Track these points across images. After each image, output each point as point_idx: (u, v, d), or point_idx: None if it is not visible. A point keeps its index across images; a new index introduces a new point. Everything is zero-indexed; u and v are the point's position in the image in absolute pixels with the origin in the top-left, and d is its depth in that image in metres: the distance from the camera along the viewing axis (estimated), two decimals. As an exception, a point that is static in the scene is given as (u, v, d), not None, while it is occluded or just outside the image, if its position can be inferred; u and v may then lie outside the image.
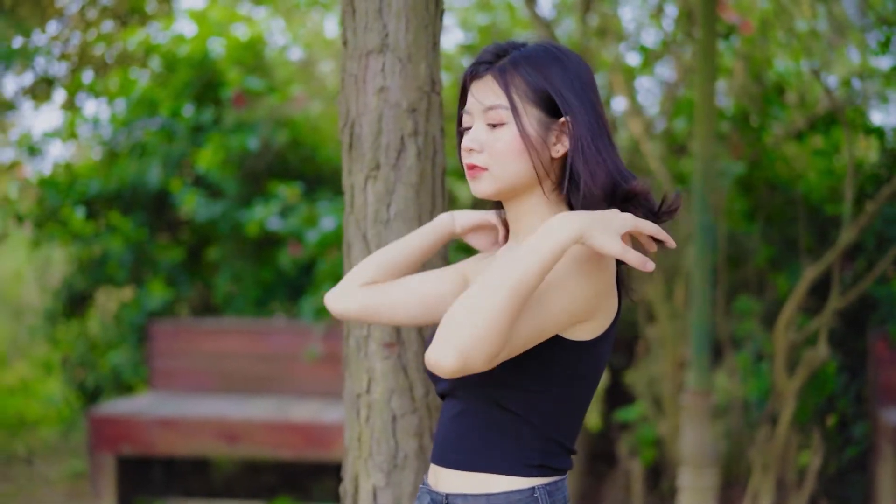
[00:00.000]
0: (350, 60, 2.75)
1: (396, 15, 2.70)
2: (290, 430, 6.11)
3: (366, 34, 2.72)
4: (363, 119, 2.73)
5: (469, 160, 2.17)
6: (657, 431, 6.19)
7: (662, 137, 6.59)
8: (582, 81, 2.16)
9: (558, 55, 2.18)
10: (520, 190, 2.18)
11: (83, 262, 7.85)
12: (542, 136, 2.14)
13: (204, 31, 7.90)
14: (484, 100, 2.16)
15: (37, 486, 7.12)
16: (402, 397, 2.71)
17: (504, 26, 7.86)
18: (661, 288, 6.12)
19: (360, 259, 2.73)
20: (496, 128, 2.15)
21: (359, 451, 2.75)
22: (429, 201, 2.74)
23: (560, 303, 2.01)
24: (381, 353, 2.71)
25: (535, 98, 2.13)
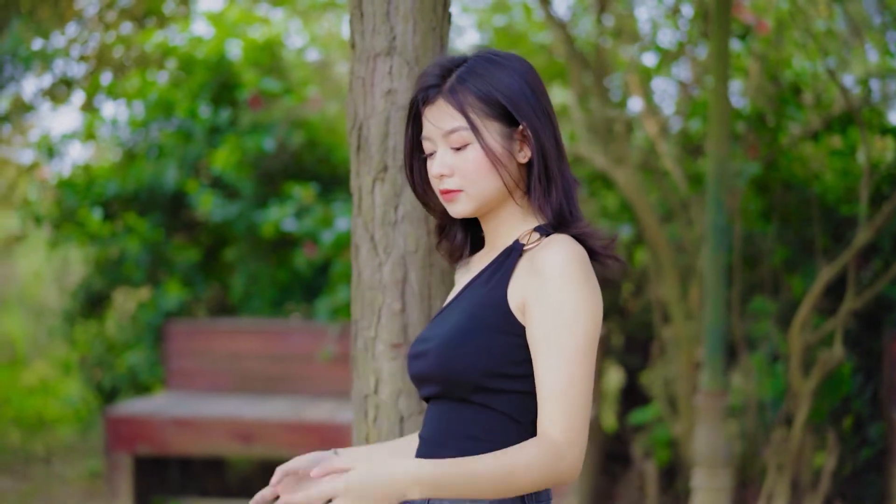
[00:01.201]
0: (358, 63, 2.76)
1: (404, 18, 2.71)
2: (304, 430, 6.13)
3: (373, 37, 2.73)
4: (371, 121, 2.73)
5: (442, 186, 2.19)
6: (672, 432, 6.18)
7: (678, 138, 6.59)
8: (530, 86, 2.19)
9: (501, 62, 2.20)
10: (495, 203, 2.21)
11: (100, 262, 7.88)
12: (506, 147, 2.16)
13: (221, 33, 7.93)
14: (442, 124, 2.17)
15: (55, 486, 7.16)
16: (410, 398, 2.71)
17: (520, 27, 7.87)
18: (675, 288, 6.11)
19: (368, 261, 2.74)
20: (461, 150, 2.17)
21: (366, 451, 2.76)
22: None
23: (587, 336, 2.05)
24: (389, 354, 2.72)
25: (490, 111, 2.15)
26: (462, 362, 2.11)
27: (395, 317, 2.71)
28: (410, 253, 2.71)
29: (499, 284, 2.15)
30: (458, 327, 2.14)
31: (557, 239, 2.12)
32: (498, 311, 2.12)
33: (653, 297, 6.53)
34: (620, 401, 7.65)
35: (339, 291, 6.62)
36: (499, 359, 2.09)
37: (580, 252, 2.09)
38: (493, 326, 2.11)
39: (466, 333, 2.12)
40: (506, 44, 7.81)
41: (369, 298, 2.74)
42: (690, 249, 6.23)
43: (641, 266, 7.31)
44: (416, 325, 2.71)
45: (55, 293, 10.60)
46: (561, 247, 2.08)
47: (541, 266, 2.08)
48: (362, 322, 2.76)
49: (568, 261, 2.05)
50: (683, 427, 6.07)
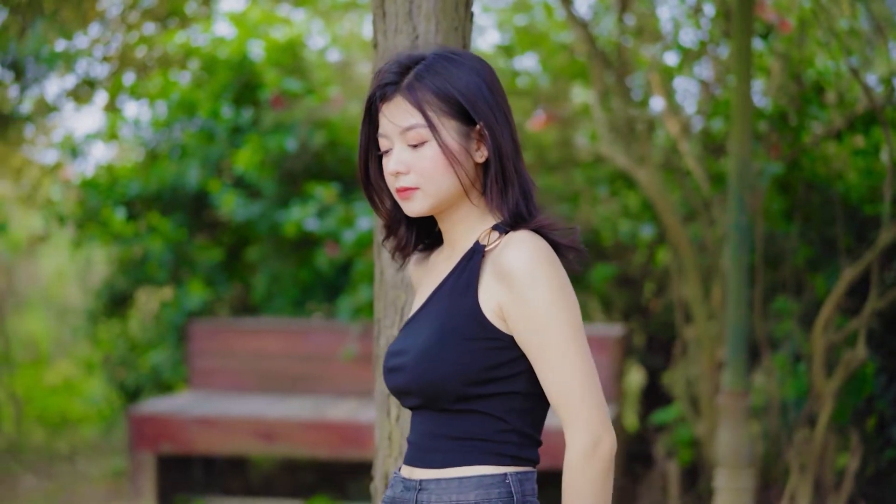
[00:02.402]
0: (380, 62, 2.78)
1: (426, 17, 2.72)
2: (327, 429, 6.14)
3: (396, 36, 2.75)
4: (394, 121, 2.74)
5: (399, 184, 2.18)
6: (694, 432, 6.17)
7: (700, 137, 6.57)
8: (488, 85, 2.19)
9: (460, 61, 2.20)
10: (451, 201, 2.20)
11: (124, 262, 7.92)
12: (463, 146, 2.17)
13: (243, 34, 7.95)
14: (400, 121, 2.16)
15: (79, 484, 7.20)
16: (432, 397, 2.72)
17: (541, 27, 7.87)
18: (698, 288, 6.10)
19: (390, 260, 2.74)
20: (417, 147, 2.16)
21: (389, 449, 2.77)
22: (459, 202, 2.74)
23: (572, 324, 2.07)
24: (413, 354, 2.72)
25: (447, 109, 2.15)
26: (439, 375, 2.12)
27: (421, 316, 2.72)
28: (433, 252, 2.71)
29: (467, 291, 2.15)
30: (432, 339, 2.15)
31: (517, 237, 2.12)
32: (471, 318, 2.13)
33: (675, 296, 6.52)
34: (642, 401, 7.65)
35: (361, 291, 6.63)
36: (476, 367, 2.10)
37: (542, 245, 2.09)
38: (466, 335, 2.12)
39: (440, 345, 2.13)
40: (527, 43, 7.82)
41: (392, 297, 2.75)
42: (712, 249, 6.22)
43: (663, 266, 7.31)
44: (438, 324, 2.72)
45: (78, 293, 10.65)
46: (522, 245, 2.08)
47: (506, 269, 2.08)
48: (385, 321, 2.77)
49: (531, 258, 2.06)
50: (706, 427, 6.06)
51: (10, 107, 9.29)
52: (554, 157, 7.67)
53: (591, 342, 6.03)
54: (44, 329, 11.47)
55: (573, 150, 7.70)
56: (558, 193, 7.43)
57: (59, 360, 10.94)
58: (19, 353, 10.39)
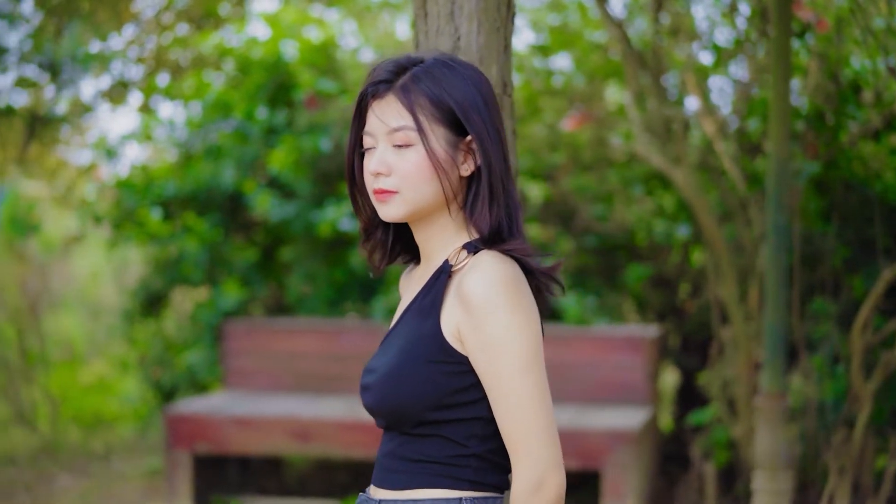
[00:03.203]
0: (422, 63, 2.77)
1: (468, 18, 2.71)
2: (361, 429, 6.15)
3: (438, 37, 2.73)
4: (436, 122, 2.74)
5: (377, 185, 2.10)
6: (731, 434, 6.14)
7: (735, 137, 6.54)
8: (484, 98, 2.13)
9: (458, 69, 2.14)
10: (429, 211, 2.13)
11: (159, 262, 7.96)
12: (450, 155, 2.10)
13: (277, 34, 7.97)
14: (388, 120, 2.09)
15: (115, 483, 7.23)
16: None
17: (575, 26, 7.85)
18: (734, 289, 6.07)
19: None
20: (402, 149, 2.09)
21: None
22: (501, 203, 2.74)
23: (526, 357, 2.01)
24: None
25: (439, 116, 2.09)
26: (400, 400, 2.07)
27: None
28: (477, 253, 2.71)
29: (430, 313, 2.08)
30: (395, 362, 2.09)
31: (482, 259, 2.05)
32: (433, 342, 2.06)
33: (711, 297, 6.49)
34: (676, 402, 7.62)
35: (395, 291, 6.63)
36: (437, 392, 2.05)
37: (506, 270, 2.03)
38: (428, 358, 2.05)
39: (403, 368, 2.07)
40: (561, 43, 7.80)
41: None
42: (749, 249, 6.18)
43: (698, 266, 7.28)
44: (480, 326, 2.71)
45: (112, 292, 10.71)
46: (484, 271, 2.02)
47: (466, 293, 2.01)
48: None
49: (491, 286, 1.99)
50: (742, 429, 6.03)
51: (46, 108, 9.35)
52: (588, 157, 7.66)
53: (626, 343, 6.05)
54: (78, 329, 11.53)
55: (608, 150, 7.68)
56: (593, 193, 7.41)
57: (93, 360, 11.00)
58: (54, 353, 10.45)
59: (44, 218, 11.65)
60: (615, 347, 6.34)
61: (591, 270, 7.38)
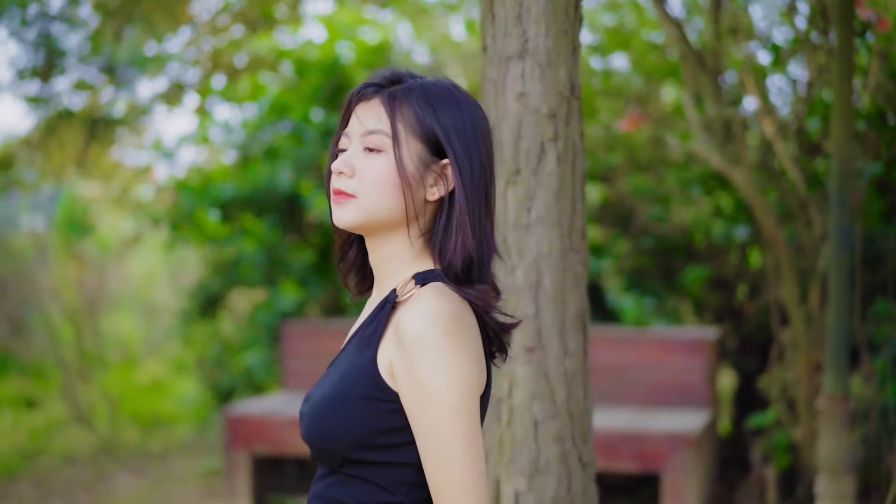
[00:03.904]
0: (489, 66, 2.77)
1: (536, 20, 2.71)
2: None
3: (505, 40, 2.73)
4: (503, 124, 2.74)
5: (336, 184, 1.99)
6: (791, 437, 6.09)
7: (795, 137, 6.48)
8: (474, 129, 2.00)
9: (457, 96, 2.02)
10: (385, 227, 2.00)
11: (217, 263, 8.00)
12: (420, 172, 1.97)
13: (332, 36, 7.99)
14: (366, 122, 1.98)
15: (173, 483, 7.28)
16: (544, 402, 2.71)
17: (631, 26, 7.81)
18: (794, 290, 6.02)
19: (499, 264, 2.73)
20: (372, 154, 1.97)
21: (500, 454, 2.76)
22: (569, 206, 2.74)
23: (455, 405, 1.87)
24: (522, 358, 2.72)
25: (420, 132, 1.97)
26: (325, 434, 1.95)
27: (529, 320, 2.71)
28: (544, 256, 2.71)
29: (369, 345, 1.94)
30: (328, 393, 1.96)
31: (426, 294, 1.91)
32: (367, 376, 1.92)
33: (770, 298, 6.44)
34: (735, 404, 7.56)
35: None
36: (365, 430, 1.92)
37: (446, 308, 1.89)
38: (360, 393, 1.92)
39: (334, 401, 1.94)
40: (617, 43, 7.76)
41: (502, 302, 2.73)
42: (809, 250, 6.13)
43: (756, 268, 7.22)
44: (549, 330, 2.71)
45: (168, 293, 10.79)
46: (423, 305, 1.89)
47: (400, 331, 1.88)
48: (493, 326, 2.76)
49: (426, 322, 1.86)
50: (803, 432, 5.97)
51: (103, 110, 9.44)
52: (645, 158, 7.62)
53: (685, 345, 5.98)
54: (133, 329, 11.63)
55: (665, 150, 7.64)
56: (650, 194, 7.37)
57: (148, 361, 11.09)
58: (110, 354, 10.55)
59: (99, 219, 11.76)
60: (674, 349, 6.30)
61: (648, 272, 7.34)
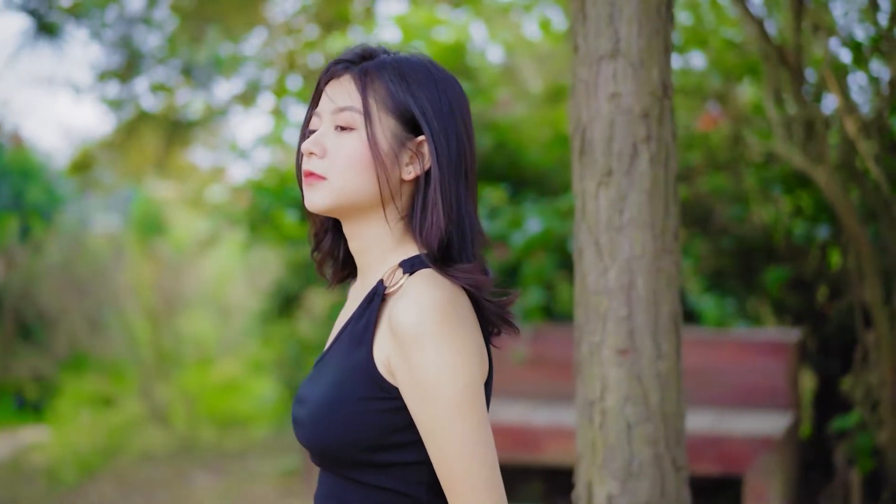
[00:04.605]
0: (581, 66, 2.76)
1: (628, 20, 2.69)
2: (498, 431, 6.09)
3: (597, 40, 2.72)
4: (594, 125, 2.73)
5: (307, 166, 1.90)
6: (876, 440, 6.00)
7: (877, 135, 6.38)
8: (451, 105, 1.91)
9: (433, 72, 1.92)
10: (360, 210, 1.91)
11: (295, 264, 8.03)
12: (394, 150, 1.88)
13: (407, 36, 7.99)
14: (336, 100, 1.90)
15: (251, 482, 7.33)
16: (637, 405, 2.69)
17: (710, 25, 7.74)
18: (879, 291, 5.93)
19: (592, 266, 2.72)
20: (343, 132, 1.89)
21: (592, 457, 2.74)
22: (662, 207, 2.71)
23: (461, 398, 1.78)
24: (615, 360, 2.70)
25: (393, 108, 1.88)
26: (331, 439, 1.85)
27: (622, 322, 2.69)
28: (636, 258, 2.69)
29: (361, 342, 1.85)
30: (326, 396, 1.87)
31: (415, 282, 1.83)
32: (365, 376, 1.83)
33: (853, 300, 6.35)
34: (816, 406, 7.46)
35: (531, 293, 6.60)
36: (372, 431, 1.83)
37: (441, 297, 1.80)
38: (360, 394, 1.83)
39: (334, 404, 1.85)
40: (695, 41, 7.69)
41: (594, 303, 2.73)
42: (893, 250, 6.04)
43: (838, 268, 7.12)
44: (642, 331, 2.69)
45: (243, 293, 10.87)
46: (416, 295, 1.80)
47: (395, 324, 1.79)
48: (587, 327, 2.75)
49: (421, 314, 1.77)
50: (888, 435, 5.88)
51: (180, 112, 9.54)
52: (723, 157, 7.54)
53: (767, 347, 5.91)
54: (209, 329, 11.73)
55: (744, 149, 7.56)
56: (729, 194, 7.30)
57: (223, 360, 11.18)
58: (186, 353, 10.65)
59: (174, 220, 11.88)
60: (756, 351, 6.23)
61: (728, 273, 7.26)
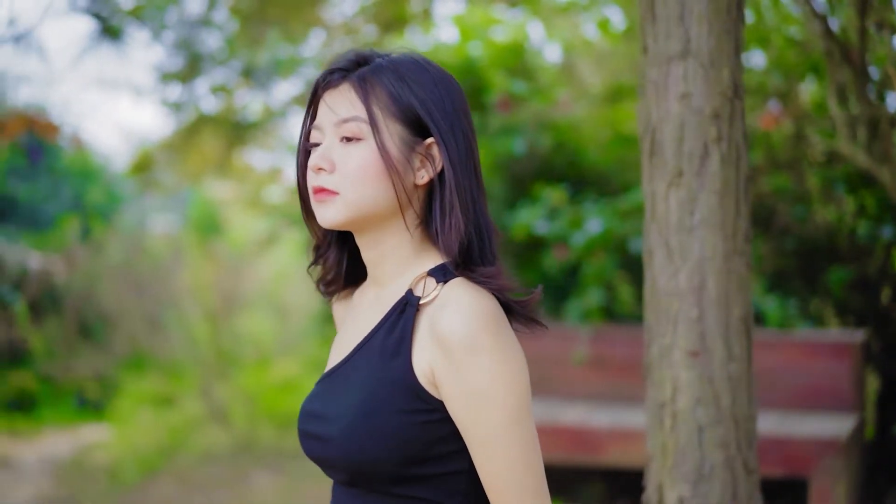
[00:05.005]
0: (650, 67, 2.74)
1: (698, 20, 2.67)
2: (558, 432, 6.11)
3: (667, 40, 2.70)
4: (664, 126, 2.71)
5: (317, 182, 1.86)
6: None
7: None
8: (454, 103, 1.89)
9: (428, 69, 1.89)
10: (376, 221, 1.87)
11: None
12: (405, 156, 1.84)
13: (465, 36, 7.98)
14: (338, 111, 1.85)
15: (310, 481, 7.36)
16: (708, 407, 2.67)
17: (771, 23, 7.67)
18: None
19: (662, 267, 2.70)
20: (350, 144, 1.85)
21: (663, 460, 2.72)
22: (733, 208, 2.69)
23: (514, 407, 1.77)
24: (686, 362, 2.68)
25: (398, 112, 1.84)
26: (372, 456, 1.79)
27: (692, 324, 2.67)
28: (707, 259, 2.67)
29: (398, 353, 1.81)
30: (361, 409, 1.81)
31: (457, 292, 1.79)
32: (404, 387, 1.79)
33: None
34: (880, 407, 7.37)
35: (591, 294, 6.58)
36: (418, 442, 1.79)
37: (487, 306, 1.77)
38: (399, 407, 1.79)
39: (372, 417, 1.79)
40: (755, 40, 7.63)
41: (664, 305, 2.71)
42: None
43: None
44: (713, 333, 2.67)
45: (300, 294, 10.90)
46: (463, 306, 1.76)
47: (443, 334, 1.75)
48: (657, 329, 2.73)
49: (472, 323, 1.74)
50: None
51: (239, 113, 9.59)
52: (785, 156, 7.47)
53: (832, 348, 5.83)
54: (267, 329, 11.79)
55: (806, 149, 7.48)
56: (791, 193, 7.23)
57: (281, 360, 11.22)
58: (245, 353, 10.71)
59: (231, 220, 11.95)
60: (820, 353, 6.17)
61: (790, 273, 7.20)
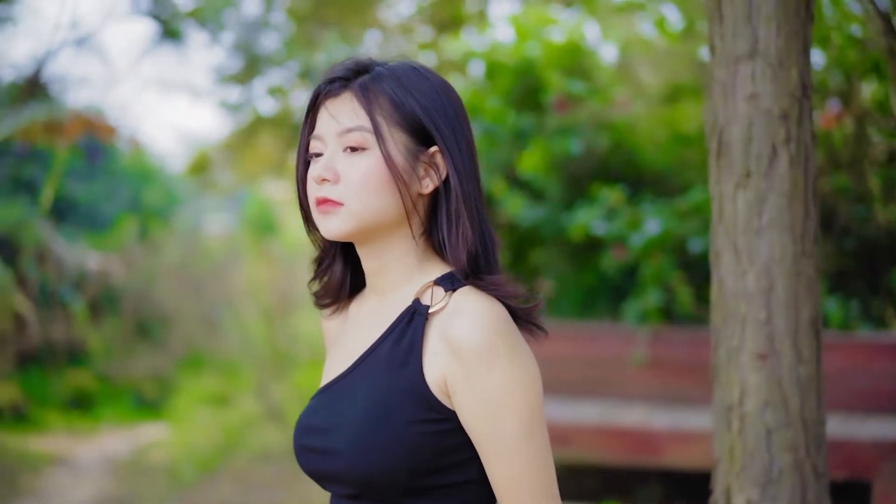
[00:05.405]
0: (718, 67, 2.73)
1: (766, 20, 2.66)
2: (616, 434, 6.10)
3: (735, 40, 2.69)
4: (732, 126, 2.70)
5: (320, 193, 1.84)
6: None
7: None
8: (455, 110, 1.89)
9: (428, 76, 1.89)
10: (380, 231, 1.86)
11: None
12: (410, 164, 1.84)
13: (522, 36, 7.97)
14: (341, 120, 1.84)
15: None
16: (777, 410, 2.65)
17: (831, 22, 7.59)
18: None
19: (729, 269, 2.69)
20: (354, 154, 1.83)
21: (730, 463, 2.70)
22: (801, 210, 2.67)
23: (529, 415, 1.78)
24: (754, 365, 2.66)
25: (401, 121, 1.84)
26: (383, 464, 1.78)
27: (761, 326, 2.66)
28: (776, 261, 2.65)
29: (409, 362, 1.80)
30: (369, 419, 1.80)
31: (468, 301, 1.80)
32: (414, 396, 1.79)
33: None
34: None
35: (649, 295, 6.55)
36: (427, 453, 1.78)
37: (499, 315, 1.78)
38: (409, 417, 1.78)
39: (381, 427, 1.78)
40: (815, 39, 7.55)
41: (732, 307, 2.70)
42: None
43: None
44: (781, 336, 2.65)
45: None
46: (476, 314, 1.77)
47: (456, 343, 1.75)
48: (724, 331, 2.72)
49: (486, 333, 1.75)
50: None
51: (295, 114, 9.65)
52: (845, 156, 7.40)
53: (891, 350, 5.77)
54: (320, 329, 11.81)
55: (867, 148, 7.41)
56: (852, 193, 7.16)
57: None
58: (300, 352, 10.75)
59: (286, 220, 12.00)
60: (881, 354, 6.11)
61: (851, 274, 7.13)
